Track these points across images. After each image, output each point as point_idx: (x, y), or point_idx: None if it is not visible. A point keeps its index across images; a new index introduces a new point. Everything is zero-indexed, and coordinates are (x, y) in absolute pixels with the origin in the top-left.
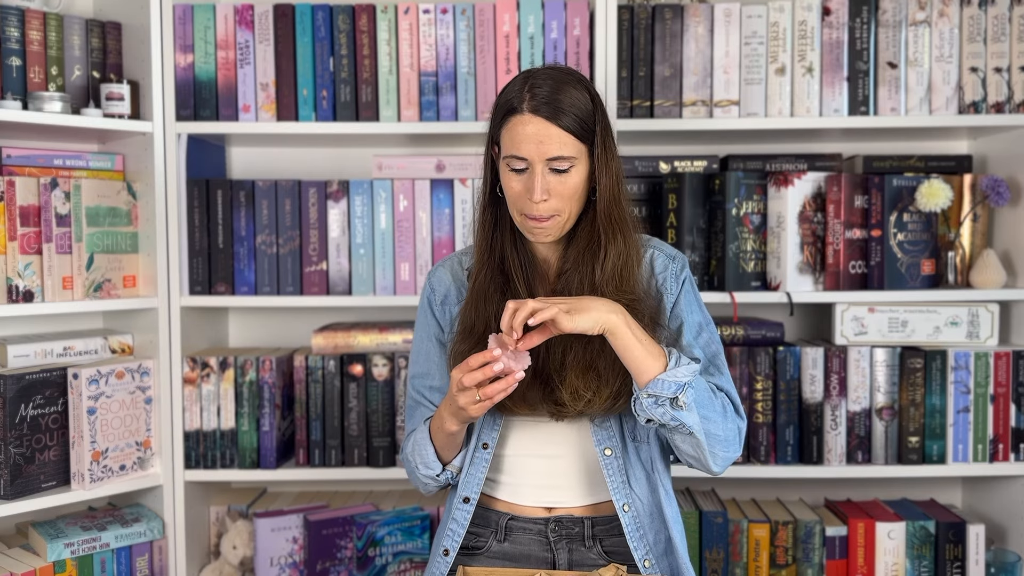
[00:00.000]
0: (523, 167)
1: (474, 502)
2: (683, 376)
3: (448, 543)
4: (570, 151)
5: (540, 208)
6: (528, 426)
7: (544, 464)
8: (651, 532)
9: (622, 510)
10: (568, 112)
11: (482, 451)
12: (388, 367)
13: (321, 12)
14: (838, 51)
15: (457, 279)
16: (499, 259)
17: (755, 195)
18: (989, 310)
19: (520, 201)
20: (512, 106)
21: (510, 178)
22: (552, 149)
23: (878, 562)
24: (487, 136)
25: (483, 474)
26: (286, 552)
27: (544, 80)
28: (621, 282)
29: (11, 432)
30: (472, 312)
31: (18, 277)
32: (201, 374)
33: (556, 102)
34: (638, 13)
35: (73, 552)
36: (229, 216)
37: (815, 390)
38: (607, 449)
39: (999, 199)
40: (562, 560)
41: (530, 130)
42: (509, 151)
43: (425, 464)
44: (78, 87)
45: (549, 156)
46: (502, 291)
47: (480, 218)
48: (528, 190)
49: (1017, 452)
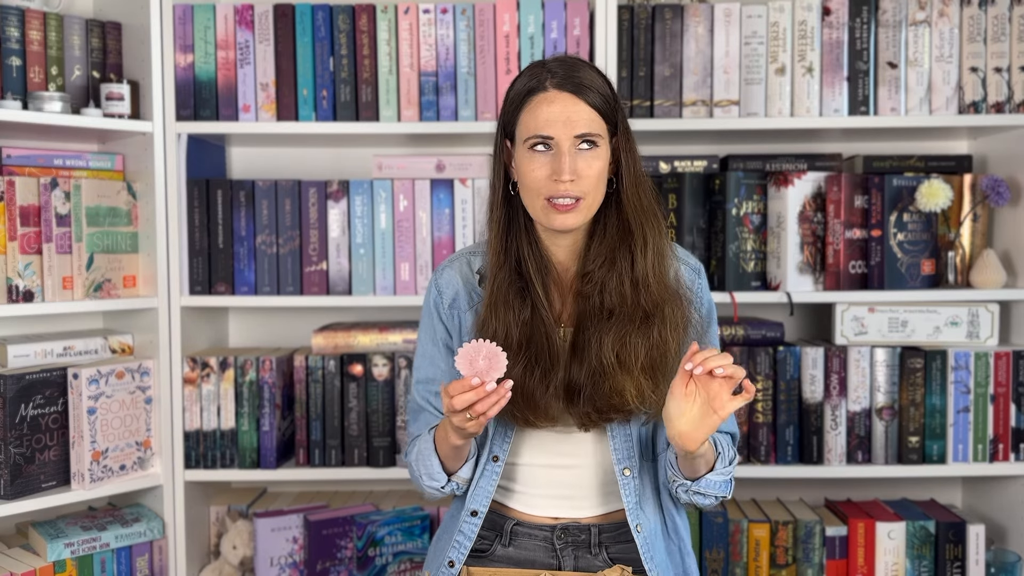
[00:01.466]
0: (548, 147)
1: (482, 515)
2: (728, 472)
3: (454, 555)
4: (597, 128)
5: (569, 188)
6: (542, 437)
7: (559, 475)
8: (662, 549)
9: (635, 530)
10: (592, 89)
11: (492, 464)
12: (388, 367)
13: (321, 12)
14: (838, 51)
15: (467, 281)
16: (515, 261)
17: (755, 195)
18: (989, 310)
19: (544, 185)
20: (533, 86)
21: (532, 162)
22: (580, 126)
23: (878, 562)
24: (496, 132)
25: (493, 487)
26: (286, 552)
27: (560, 63)
28: (661, 274)
29: (11, 432)
30: (493, 319)
31: (18, 277)
32: (201, 374)
33: (579, 79)
34: (638, 13)
35: (73, 552)
36: (229, 216)
37: (815, 390)
38: (626, 469)
39: (999, 199)
40: (567, 566)
41: (556, 108)
42: (533, 132)
43: (430, 475)
44: (78, 87)
45: (577, 133)
46: (521, 295)
47: (493, 218)
48: (555, 171)
49: (1017, 452)
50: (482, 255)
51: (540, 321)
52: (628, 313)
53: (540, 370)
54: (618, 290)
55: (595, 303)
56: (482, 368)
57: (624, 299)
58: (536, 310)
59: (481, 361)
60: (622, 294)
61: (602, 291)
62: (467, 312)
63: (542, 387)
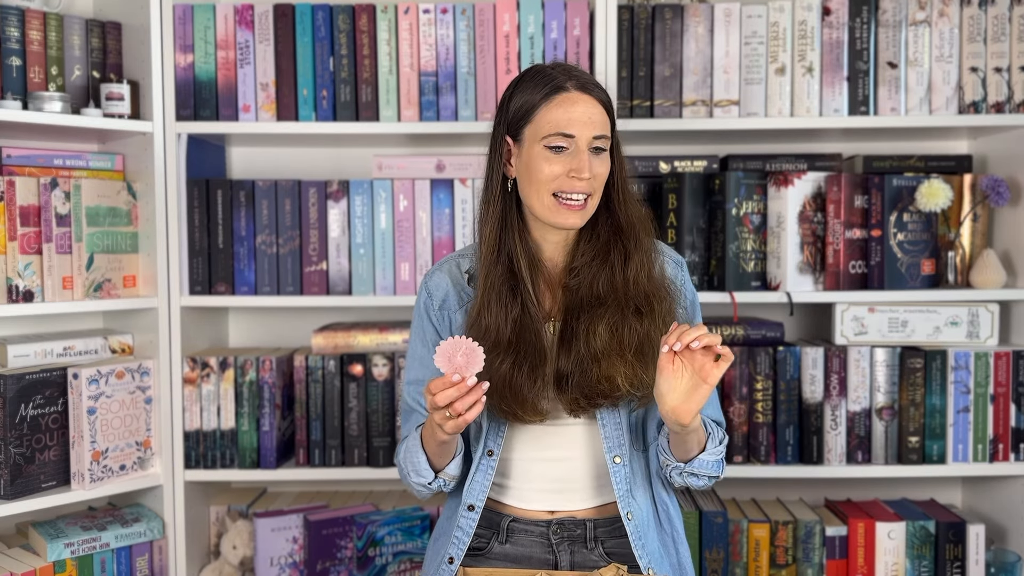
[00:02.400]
0: (565, 145)
1: (479, 510)
2: (720, 452)
3: (453, 551)
4: (608, 132)
5: (585, 185)
6: (534, 430)
7: (552, 468)
8: (654, 538)
9: (626, 518)
10: (604, 94)
11: (487, 458)
12: (388, 367)
13: (321, 12)
14: (838, 51)
15: (456, 282)
16: (507, 258)
17: (755, 195)
18: (989, 310)
19: (558, 182)
20: (558, 84)
21: (546, 159)
22: (598, 128)
23: (878, 562)
24: (495, 129)
25: (489, 481)
26: (286, 552)
27: (565, 68)
28: (649, 278)
29: (11, 432)
30: (486, 315)
31: (18, 277)
32: (201, 374)
33: (594, 83)
34: (638, 13)
35: (73, 552)
36: (229, 216)
37: (815, 390)
38: (616, 457)
39: (999, 199)
40: (564, 562)
41: (580, 108)
42: (555, 130)
43: (417, 472)
44: (78, 87)
45: (596, 134)
46: (512, 292)
47: (488, 214)
48: (575, 168)
49: (1017, 452)
50: (470, 257)
51: (529, 318)
52: (620, 302)
53: (528, 365)
54: (609, 281)
55: (584, 294)
56: (460, 364)
57: (615, 289)
58: (526, 308)
59: (459, 357)
60: (613, 285)
61: (592, 282)
62: (457, 311)
63: (530, 382)
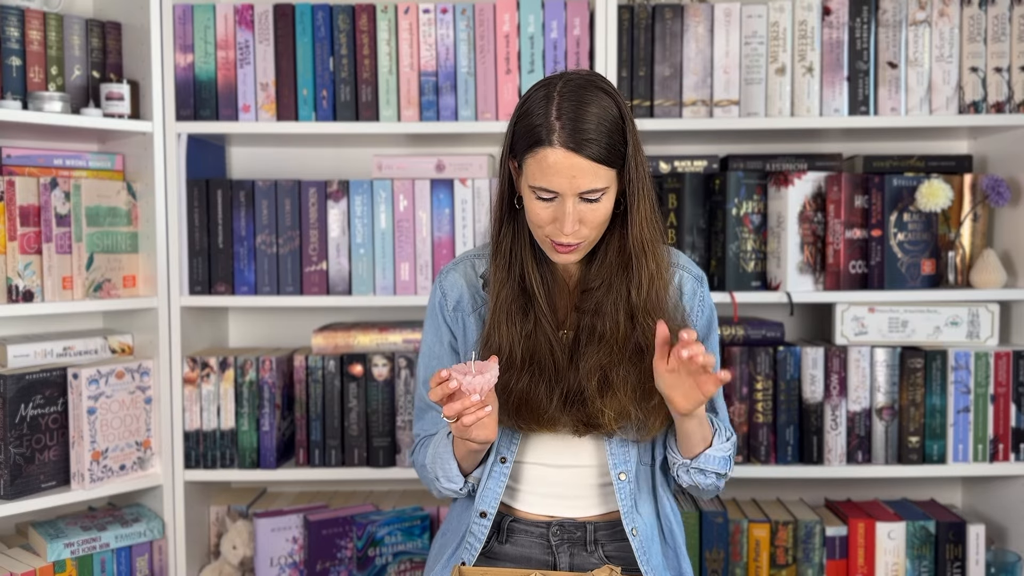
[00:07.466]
0: (551, 196)
1: (491, 517)
2: (727, 449)
3: (466, 556)
4: (602, 182)
5: (570, 237)
6: (545, 440)
7: (559, 475)
8: (658, 552)
9: (631, 534)
10: (598, 140)
11: (500, 465)
12: (388, 367)
13: (321, 12)
14: (838, 51)
15: (471, 284)
16: (519, 275)
17: (755, 195)
18: (989, 310)
19: (547, 228)
20: (539, 137)
21: (536, 205)
22: (584, 183)
23: (878, 562)
24: (503, 149)
25: (501, 488)
26: (286, 552)
27: (569, 99)
28: (657, 305)
29: (11, 432)
30: (496, 333)
31: (18, 277)
32: (201, 374)
33: (585, 131)
34: (638, 13)
35: (73, 552)
36: (229, 216)
37: (815, 390)
38: (622, 474)
39: (999, 199)
40: (563, 564)
41: (562, 165)
42: (537, 182)
43: (448, 478)
44: (78, 87)
45: (581, 190)
46: (524, 311)
47: (497, 232)
48: (558, 220)
49: (1017, 452)
50: (486, 258)
51: (544, 333)
52: (619, 343)
53: (545, 380)
54: (612, 317)
55: (588, 323)
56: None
57: (617, 327)
58: (539, 323)
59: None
60: (616, 322)
61: (595, 313)
62: (471, 315)
63: (547, 397)
